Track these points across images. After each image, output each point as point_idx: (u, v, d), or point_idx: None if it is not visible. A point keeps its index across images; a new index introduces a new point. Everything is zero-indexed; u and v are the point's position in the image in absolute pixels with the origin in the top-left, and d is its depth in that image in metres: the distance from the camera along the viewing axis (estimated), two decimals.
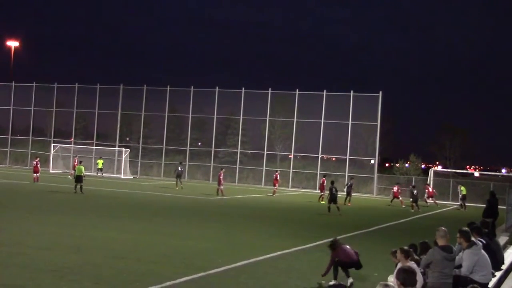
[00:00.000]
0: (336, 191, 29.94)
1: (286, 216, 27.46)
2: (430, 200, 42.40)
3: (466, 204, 41.18)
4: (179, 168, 44.43)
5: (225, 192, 37.38)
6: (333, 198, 29.61)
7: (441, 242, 9.62)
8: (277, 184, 42.71)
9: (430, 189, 43.05)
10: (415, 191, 36.97)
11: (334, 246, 12.43)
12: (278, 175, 43.72)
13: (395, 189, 41.30)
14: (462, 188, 42.26)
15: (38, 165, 40.10)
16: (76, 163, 45.42)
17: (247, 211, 29.09)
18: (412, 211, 35.63)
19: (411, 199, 36.97)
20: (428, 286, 9.44)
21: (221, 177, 38.16)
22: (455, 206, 42.46)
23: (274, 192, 41.59)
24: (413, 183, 42.32)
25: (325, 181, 38.90)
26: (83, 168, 34.07)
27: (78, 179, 32.78)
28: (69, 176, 45.94)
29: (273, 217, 26.38)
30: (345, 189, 38.92)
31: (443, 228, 9.87)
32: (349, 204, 36.58)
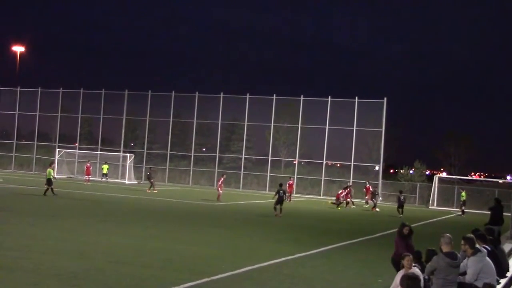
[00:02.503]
0: (284, 193, 30.53)
1: (290, 222, 27.41)
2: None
3: (466, 210, 41.34)
4: (148, 173, 44.66)
5: (222, 198, 37.40)
6: (280, 201, 29.75)
7: (445, 249, 9.61)
8: (291, 191, 43.39)
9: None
10: (402, 197, 37.02)
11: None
12: (292, 183, 44.40)
13: (344, 192, 41.25)
14: (463, 193, 42.31)
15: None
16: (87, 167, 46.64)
17: (251, 217, 29.07)
18: (400, 216, 35.33)
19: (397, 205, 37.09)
20: None
21: (219, 182, 38.40)
22: (459, 213, 42.39)
23: (289, 199, 41.73)
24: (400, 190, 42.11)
25: (351, 190, 41.60)
26: (52, 171, 34.09)
27: (49, 182, 32.92)
28: (86, 183, 46.32)
29: (276, 223, 26.35)
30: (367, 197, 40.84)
31: (448, 234, 9.85)
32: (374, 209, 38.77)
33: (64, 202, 30.02)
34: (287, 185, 43.41)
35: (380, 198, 40.88)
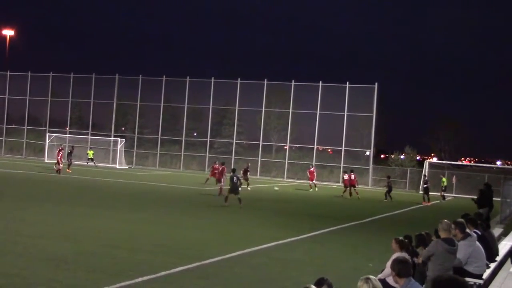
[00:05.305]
0: (238, 180, 26.07)
1: (280, 207, 27.45)
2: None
3: (456, 195, 41.69)
4: (69, 151, 44.59)
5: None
6: (234, 188, 25.70)
7: (443, 235, 9.54)
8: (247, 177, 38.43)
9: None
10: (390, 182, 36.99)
11: None
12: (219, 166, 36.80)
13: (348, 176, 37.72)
14: (444, 179, 42.55)
15: (60, 156, 39.52)
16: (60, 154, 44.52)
17: (242, 201, 29.01)
18: (385, 200, 35.41)
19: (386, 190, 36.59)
20: (428, 279, 9.36)
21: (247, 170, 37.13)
22: (450, 198, 42.65)
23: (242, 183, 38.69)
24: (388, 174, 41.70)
25: (352, 176, 36.67)
26: None
27: None
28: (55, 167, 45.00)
29: (267, 208, 26.39)
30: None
31: (446, 220, 9.79)
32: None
33: (55, 187, 29.92)
34: (242, 171, 37.86)
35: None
